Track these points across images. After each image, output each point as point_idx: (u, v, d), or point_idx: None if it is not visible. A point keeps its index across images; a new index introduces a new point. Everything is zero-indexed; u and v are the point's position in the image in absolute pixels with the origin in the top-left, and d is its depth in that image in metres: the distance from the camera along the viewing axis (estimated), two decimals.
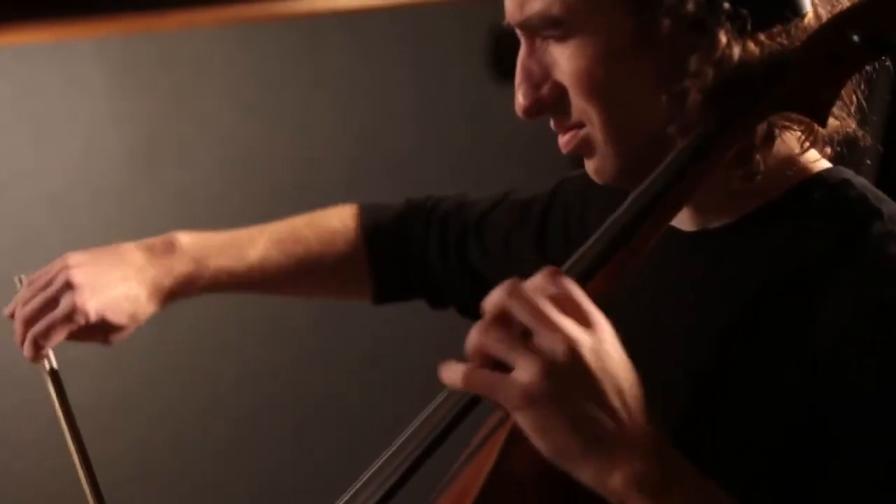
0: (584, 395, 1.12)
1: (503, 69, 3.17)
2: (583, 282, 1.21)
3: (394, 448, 1.33)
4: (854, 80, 1.30)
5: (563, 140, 1.33)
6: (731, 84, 1.25)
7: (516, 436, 1.19)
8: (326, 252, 1.81)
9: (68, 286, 1.67)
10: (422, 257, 1.82)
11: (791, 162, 1.33)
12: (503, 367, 1.14)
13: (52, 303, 1.67)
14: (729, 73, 1.25)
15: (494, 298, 1.15)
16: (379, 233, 1.84)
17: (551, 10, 1.27)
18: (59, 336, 1.67)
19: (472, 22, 3.17)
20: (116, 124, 2.85)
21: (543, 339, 1.12)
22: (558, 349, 1.11)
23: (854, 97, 1.32)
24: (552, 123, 1.34)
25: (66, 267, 1.68)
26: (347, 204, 1.87)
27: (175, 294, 1.75)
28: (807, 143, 1.31)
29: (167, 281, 1.74)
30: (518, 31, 1.32)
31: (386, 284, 1.84)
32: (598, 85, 1.28)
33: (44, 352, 1.68)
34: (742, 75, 1.25)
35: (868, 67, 1.29)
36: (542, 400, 1.11)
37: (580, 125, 1.31)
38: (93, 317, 1.67)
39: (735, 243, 1.33)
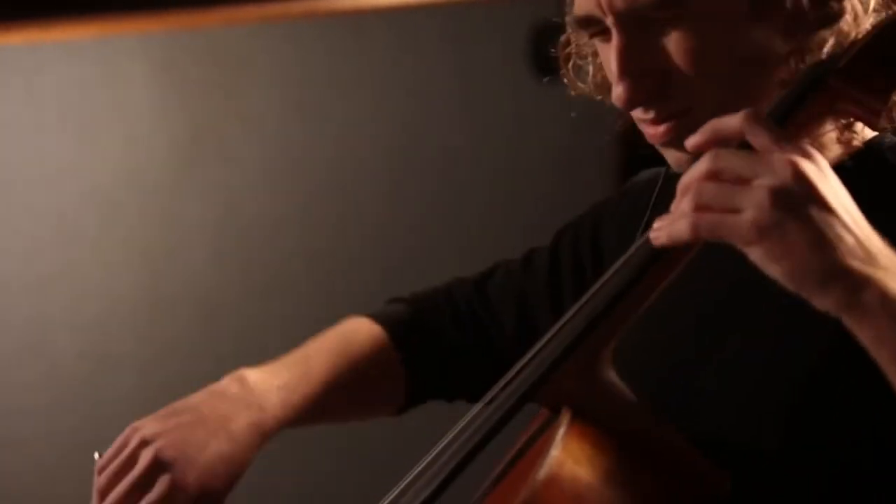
0: (819, 212, 1.09)
1: (544, 66, 3.16)
2: None
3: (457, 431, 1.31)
4: None
5: (660, 130, 1.29)
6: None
7: (573, 432, 1.19)
8: (370, 377, 1.66)
9: (157, 464, 1.46)
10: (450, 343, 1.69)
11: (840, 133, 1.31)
12: None
13: (141, 485, 1.46)
14: (845, 42, 1.23)
15: (699, 164, 1.13)
16: (406, 337, 1.69)
17: None
18: None
19: (514, 19, 3.16)
20: (159, 120, 2.85)
21: (764, 169, 1.10)
22: (782, 172, 1.09)
23: None
24: (642, 114, 1.30)
25: (145, 442, 1.48)
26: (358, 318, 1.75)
27: (274, 432, 1.55)
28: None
29: (265, 421, 1.54)
30: (612, 21, 1.27)
31: (422, 379, 1.68)
32: (715, 62, 1.25)
33: None
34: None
35: None
36: (778, 225, 1.08)
37: (683, 112, 1.28)
38: (195, 491, 1.46)
39: None
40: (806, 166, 1.10)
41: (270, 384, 1.56)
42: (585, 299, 1.27)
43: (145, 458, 1.46)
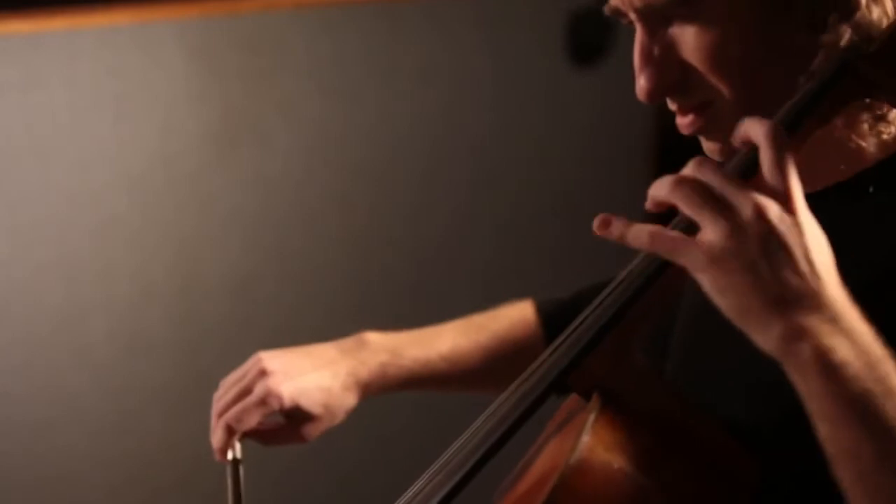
0: (771, 254, 1.10)
1: (580, 54, 3.15)
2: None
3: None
4: None
5: (686, 121, 1.31)
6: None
7: (602, 422, 1.19)
8: (508, 339, 1.80)
9: (262, 373, 1.67)
10: None
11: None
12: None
13: (247, 391, 1.68)
14: (864, 35, 1.23)
15: (686, 169, 1.15)
16: (555, 317, 1.80)
17: None
18: (252, 420, 1.67)
19: (550, 6, 3.15)
20: (196, 106, 2.86)
21: (733, 199, 1.11)
22: (745, 209, 1.10)
23: None
24: (671, 105, 1.32)
25: (259, 359, 1.69)
26: (523, 301, 1.86)
27: (370, 386, 1.73)
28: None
29: (361, 372, 1.72)
30: (634, 16, 1.29)
31: None
32: (730, 60, 1.26)
33: (233, 439, 1.67)
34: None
35: None
36: (727, 258, 1.10)
37: (706, 104, 1.29)
38: (286, 401, 1.67)
39: (825, 214, 1.30)
40: (771, 208, 1.11)
41: (382, 345, 1.74)
42: (617, 282, 1.27)
43: (254, 368, 1.68)
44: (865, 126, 1.29)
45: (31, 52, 2.72)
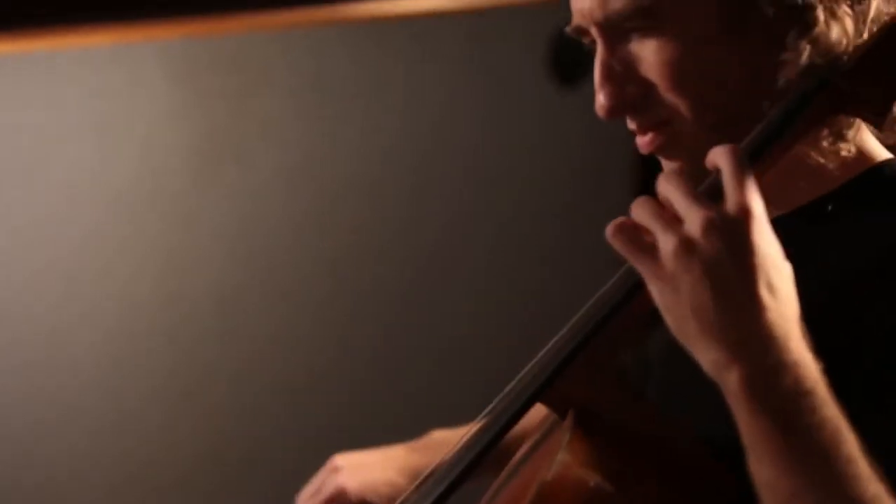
0: (714, 279, 1.09)
1: (563, 74, 3.16)
2: None
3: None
4: None
5: (645, 140, 1.31)
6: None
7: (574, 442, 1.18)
8: None
9: (334, 470, 1.74)
10: None
11: (849, 152, 1.30)
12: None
13: (320, 489, 1.76)
14: (823, 52, 1.23)
15: (659, 183, 1.15)
16: None
17: (643, 0, 1.25)
18: None
19: (535, 26, 3.16)
20: (178, 127, 2.86)
21: (686, 214, 1.11)
22: (694, 226, 1.10)
23: None
24: (630, 123, 1.32)
25: (333, 458, 1.77)
26: None
27: None
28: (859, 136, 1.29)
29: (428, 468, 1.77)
30: (595, 31, 1.29)
31: None
32: (688, 77, 1.26)
33: None
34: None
35: None
36: (672, 277, 1.10)
37: (665, 123, 1.29)
38: (354, 496, 1.72)
39: (789, 237, 1.30)
40: (721, 228, 1.10)
41: (448, 441, 1.68)
42: (594, 299, 1.27)
43: (328, 466, 1.75)
44: (825, 143, 1.29)
45: (13, 72, 2.72)
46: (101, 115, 2.79)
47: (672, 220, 1.12)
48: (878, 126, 1.26)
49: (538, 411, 1.30)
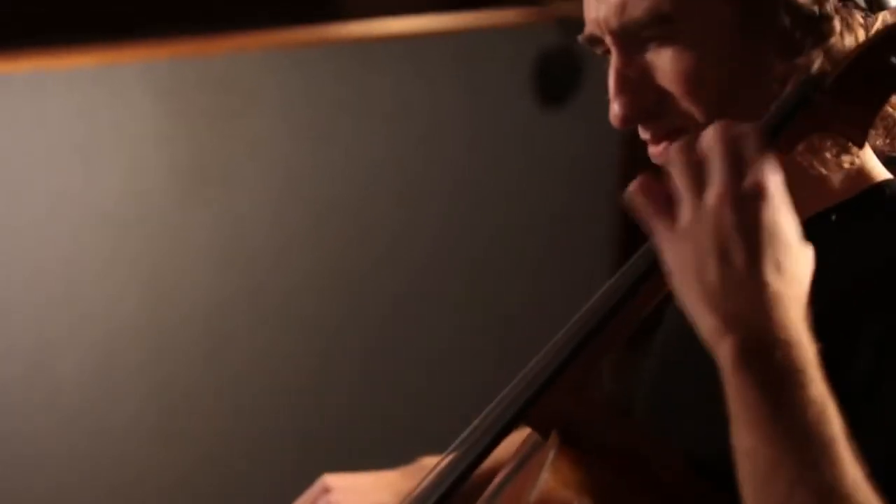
0: (716, 251, 1.10)
1: (548, 94, 3.16)
2: None
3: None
4: None
5: (659, 150, 1.30)
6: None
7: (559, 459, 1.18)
8: None
9: (325, 490, 1.71)
10: None
11: (847, 171, 1.30)
12: None
13: None
14: (835, 62, 1.24)
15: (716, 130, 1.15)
16: None
17: (661, 8, 1.25)
18: None
19: (521, 46, 3.17)
20: (164, 147, 2.86)
21: (712, 180, 1.11)
22: (711, 196, 1.11)
23: None
24: (642, 133, 1.31)
25: (324, 478, 1.73)
26: None
27: None
28: (848, 157, 1.29)
29: None
30: (609, 39, 1.29)
31: None
32: (704, 85, 1.26)
33: None
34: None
35: None
36: (681, 238, 1.11)
37: (679, 131, 1.28)
38: None
39: None
40: (734, 200, 1.11)
41: None
42: (576, 318, 1.27)
43: (318, 486, 1.70)
44: (828, 155, 1.29)
45: None
46: (87, 136, 2.78)
47: (699, 179, 1.12)
48: (859, 144, 1.26)
49: (511, 442, 1.30)
